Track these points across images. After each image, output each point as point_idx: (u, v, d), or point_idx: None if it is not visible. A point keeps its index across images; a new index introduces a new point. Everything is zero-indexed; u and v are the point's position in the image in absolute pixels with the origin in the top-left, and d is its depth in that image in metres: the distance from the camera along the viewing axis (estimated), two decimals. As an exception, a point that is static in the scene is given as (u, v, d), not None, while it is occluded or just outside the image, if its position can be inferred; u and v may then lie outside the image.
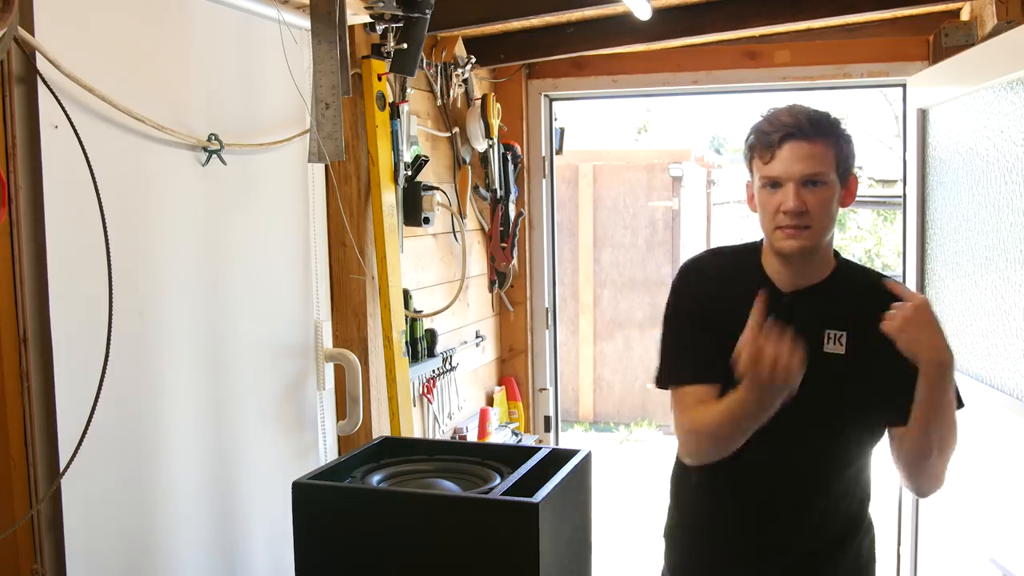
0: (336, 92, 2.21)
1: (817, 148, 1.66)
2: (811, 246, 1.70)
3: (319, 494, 2.02)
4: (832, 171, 1.67)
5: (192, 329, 2.15)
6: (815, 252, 1.73)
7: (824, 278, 1.77)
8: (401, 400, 2.81)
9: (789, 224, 1.68)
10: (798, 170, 1.66)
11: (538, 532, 1.84)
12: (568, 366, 7.58)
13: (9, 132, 1.69)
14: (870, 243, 12.35)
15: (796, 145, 1.66)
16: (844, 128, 1.71)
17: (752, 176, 1.78)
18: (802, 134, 1.66)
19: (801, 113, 1.68)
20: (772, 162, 1.68)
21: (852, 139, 1.72)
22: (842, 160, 1.69)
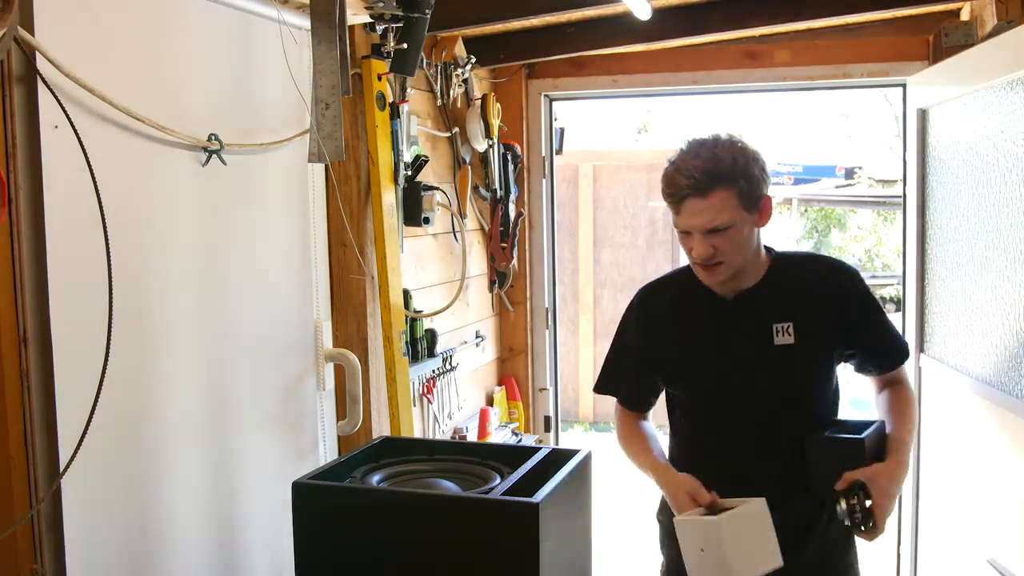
0: (336, 92, 2.21)
1: (715, 200, 1.81)
2: (728, 276, 1.90)
3: (319, 494, 2.01)
4: (734, 214, 1.82)
5: (192, 329, 2.15)
6: (738, 273, 1.91)
7: (760, 278, 1.97)
8: (401, 400, 2.81)
9: (703, 265, 1.89)
10: (699, 224, 1.83)
11: (538, 532, 1.84)
12: (568, 366, 7.57)
13: (9, 132, 1.69)
14: (870, 243, 12.36)
15: (694, 202, 1.82)
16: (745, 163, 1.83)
17: None
18: (697, 192, 1.81)
19: (696, 170, 1.81)
20: (678, 216, 1.86)
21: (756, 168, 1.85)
22: (745, 197, 1.83)
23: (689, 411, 2.08)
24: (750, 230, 1.89)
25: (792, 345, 1.93)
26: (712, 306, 1.99)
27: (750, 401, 1.97)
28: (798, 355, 1.94)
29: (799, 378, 1.97)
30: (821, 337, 1.95)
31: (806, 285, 1.98)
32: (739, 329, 1.97)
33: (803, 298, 1.96)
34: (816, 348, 1.95)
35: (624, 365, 2.13)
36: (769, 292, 1.97)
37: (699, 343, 2.01)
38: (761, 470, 1.95)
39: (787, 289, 1.97)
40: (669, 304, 2.09)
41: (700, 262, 1.88)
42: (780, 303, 1.96)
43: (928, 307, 3.09)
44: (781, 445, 1.95)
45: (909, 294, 3.22)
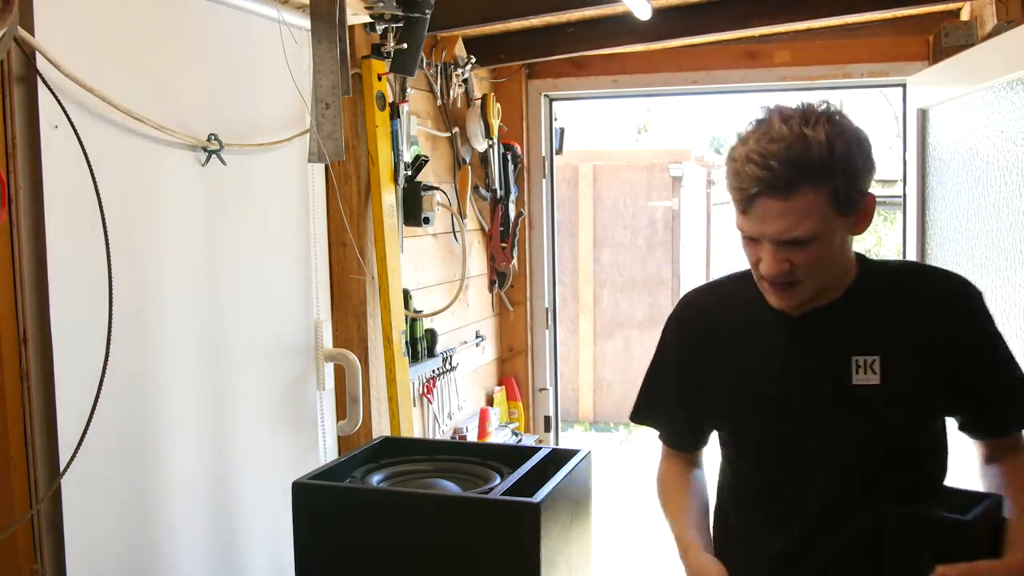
0: (336, 92, 2.21)
1: (797, 203, 1.33)
2: (805, 300, 1.46)
3: (319, 494, 2.02)
4: (822, 222, 1.35)
5: (192, 329, 2.15)
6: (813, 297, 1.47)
7: (842, 293, 1.48)
8: (401, 400, 2.81)
9: (774, 283, 1.43)
10: (773, 232, 1.36)
11: (538, 532, 1.84)
12: (568, 366, 7.58)
13: (9, 132, 1.69)
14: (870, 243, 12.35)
15: (769, 204, 1.34)
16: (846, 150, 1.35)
17: None
18: (776, 190, 1.33)
19: (777, 157, 1.32)
20: (744, 217, 1.40)
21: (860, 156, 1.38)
22: (841, 199, 1.36)
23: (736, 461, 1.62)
24: (841, 240, 1.42)
25: (877, 386, 1.45)
26: (772, 326, 1.51)
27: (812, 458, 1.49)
28: (884, 399, 1.45)
29: (884, 430, 1.46)
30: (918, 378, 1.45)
31: (904, 305, 1.48)
32: (806, 360, 1.49)
33: (898, 323, 1.46)
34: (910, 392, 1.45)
35: (664, 393, 1.69)
36: (852, 312, 1.48)
37: (750, 376, 1.54)
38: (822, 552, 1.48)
39: (877, 309, 1.48)
40: (716, 319, 1.61)
41: (770, 280, 1.42)
42: (865, 328, 1.47)
43: (928, 307, 3.09)
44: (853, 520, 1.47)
45: (909, 294, 3.21)
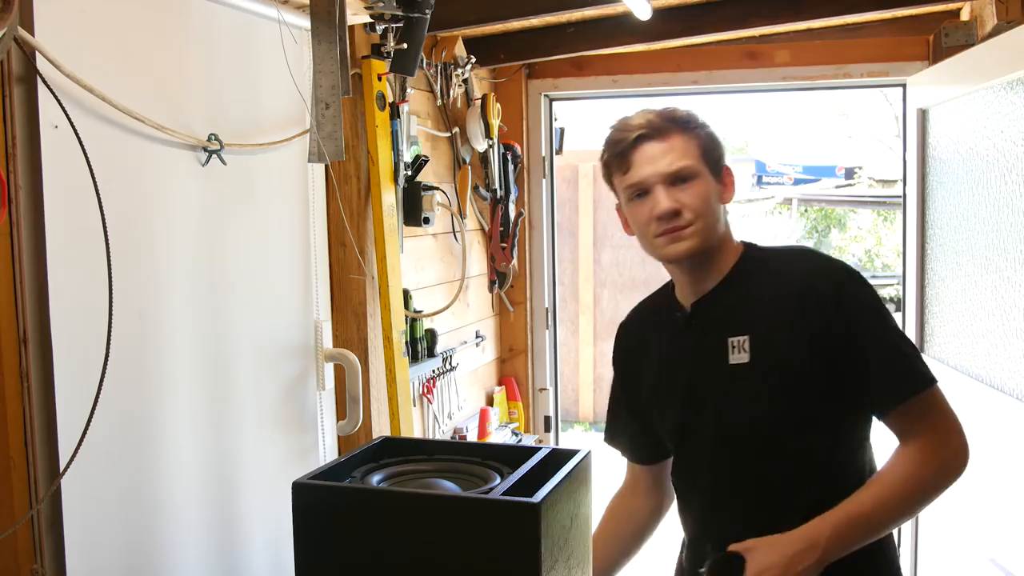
0: (336, 92, 2.21)
1: (675, 142, 1.53)
2: (697, 244, 1.54)
3: (319, 494, 2.01)
4: (699, 162, 1.53)
5: (192, 329, 2.15)
6: (706, 251, 1.56)
7: (724, 276, 1.59)
8: (401, 400, 2.81)
9: (667, 228, 1.53)
10: (659, 168, 1.52)
11: (538, 532, 1.84)
12: (568, 366, 7.58)
13: (9, 132, 1.69)
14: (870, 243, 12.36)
15: (651, 145, 1.53)
16: (703, 121, 1.59)
17: (618, 197, 1.65)
18: (655, 132, 1.54)
19: (650, 112, 1.57)
20: (631, 170, 1.55)
21: (714, 130, 1.60)
22: (708, 151, 1.56)
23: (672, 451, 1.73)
24: (715, 199, 1.56)
25: (747, 364, 1.52)
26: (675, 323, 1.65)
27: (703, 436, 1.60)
28: (751, 376, 1.52)
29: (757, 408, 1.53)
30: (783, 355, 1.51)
31: (773, 285, 1.56)
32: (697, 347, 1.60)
33: (766, 304, 1.54)
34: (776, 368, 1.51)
35: (618, 410, 1.85)
36: (729, 296, 1.58)
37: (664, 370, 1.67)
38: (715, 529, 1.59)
39: (750, 292, 1.57)
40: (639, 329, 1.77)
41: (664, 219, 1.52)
42: (739, 311, 1.56)
43: (928, 307, 3.09)
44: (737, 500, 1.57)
45: (909, 294, 3.22)
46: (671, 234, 1.54)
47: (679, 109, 1.58)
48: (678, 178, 1.52)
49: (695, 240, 1.54)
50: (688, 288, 1.63)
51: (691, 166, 1.53)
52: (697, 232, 1.53)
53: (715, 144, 1.58)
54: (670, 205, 1.52)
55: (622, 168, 1.56)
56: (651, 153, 1.53)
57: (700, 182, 1.53)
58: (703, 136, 1.56)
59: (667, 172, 1.52)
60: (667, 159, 1.52)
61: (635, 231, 1.62)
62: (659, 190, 1.52)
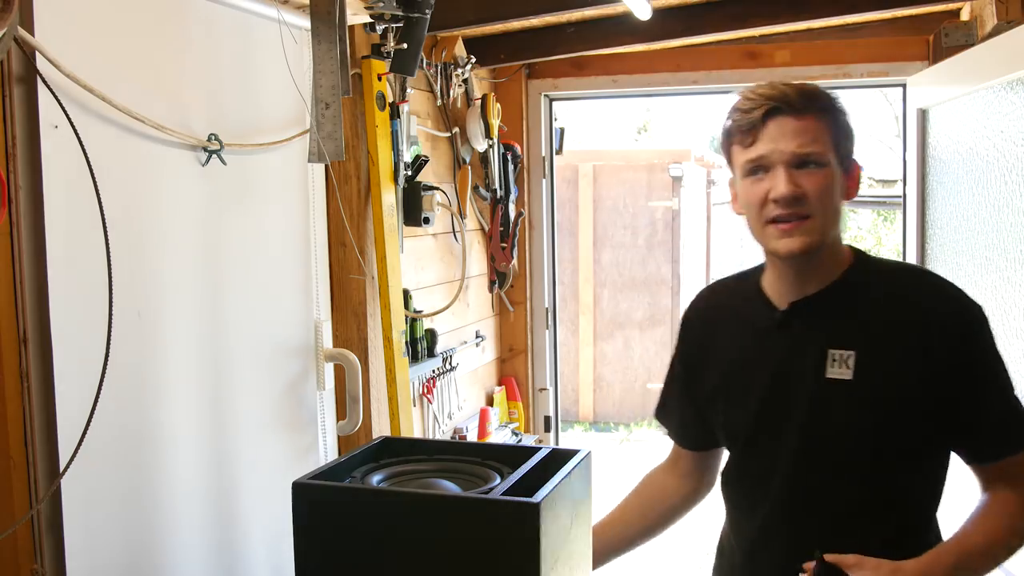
0: (336, 92, 2.21)
1: (809, 123, 1.38)
2: (814, 242, 1.41)
3: (319, 494, 2.01)
4: (830, 151, 1.39)
5: (192, 329, 2.15)
6: (820, 253, 1.43)
7: (830, 283, 1.46)
8: (401, 400, 2.81)
9: (783, 214, 1.39)
10: (788, 148, 1.37)
11: (538, 532, 1.84)
12: (568, 366, 7.58)
13: (9, 132, 1.69)
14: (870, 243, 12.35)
15: (783, 121, 1.38)
16: (842, 105, 1.43)
17: (733, 170, 1.49)
18: (790, 107, 1.38)
19: (786, 85, 1.41)
20: (755, 144, 1.40)
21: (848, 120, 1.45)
22: (841, 140, 1.42)
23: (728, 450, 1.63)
24: (840, 193, 1.42)
25: (848, 382, 1.41)
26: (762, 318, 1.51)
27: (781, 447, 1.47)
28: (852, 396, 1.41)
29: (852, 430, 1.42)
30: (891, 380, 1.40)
31: (892, 304, 1.44)
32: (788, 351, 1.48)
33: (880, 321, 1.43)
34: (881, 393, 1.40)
35: (673, 389, 1.71)
36: (836, 304, 1.45)
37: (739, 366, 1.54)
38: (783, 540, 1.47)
39: (862, 304, 1.44)
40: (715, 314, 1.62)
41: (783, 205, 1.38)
42: (847, 322, 1.44)
43: (928, 307, 3.09)
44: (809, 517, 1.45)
45: (909, 294, 3.21)
46: (786, 225, 1.40)
47: (819, 88, 1.42)
48: (805, 162, 1.38)
49: (812, 237, 1.40)
50: (787, 286, 1.49)
51: (822, 153, 1.38)
52: (815, 228, 1.40)
53: (849, 134, 1.43)
54: (791, 189, 1.37)
55: (745, 140, 1.40)
56: (782, 129, 1.37)
57: (828, 171, 1.39)
58: (840, 123, 1.42)
59: (795, 153, 1.37)
60: (798, 140, 1.37)
61: (745, 211, 1.46)
62: (781, 170, 1.37)
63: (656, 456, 1.81)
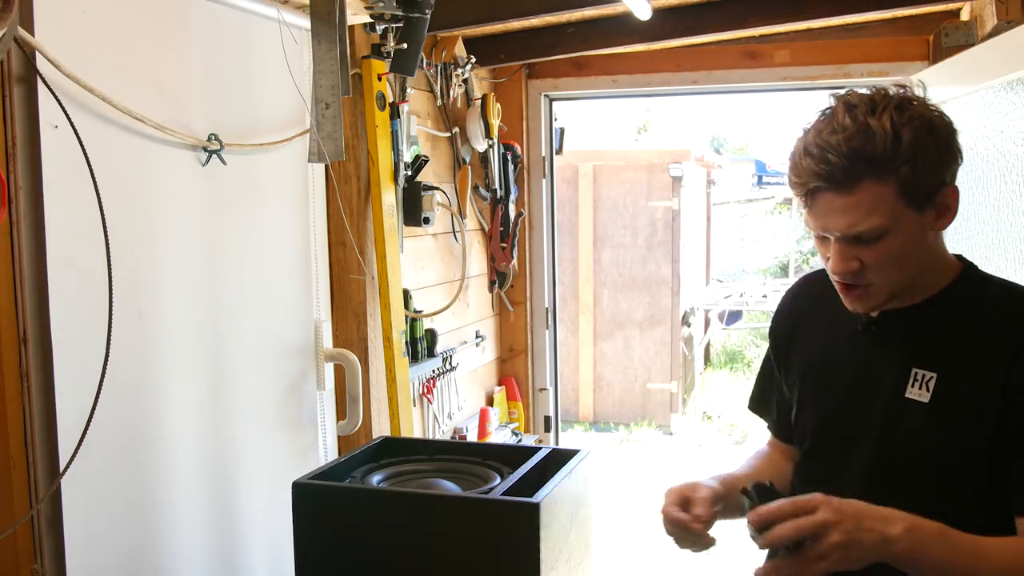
0: (336, 92, 2.21)
1: (860, 196, 1.24)
2: (881, 303, 1.35)
3: (319, 494, 2.01)
4: (890, 217, 1.25)
5: (192, 329, 2.15)
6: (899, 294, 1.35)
7: (929, 297, 1.36)
8: (401, 400, 2.81)
9: (844, 284, 1.34)
10: (838, 228, 1.27)
11: (538, 532, 1.84)
12: (568, 366, 7.58)
13: (9, 132, 1.69)
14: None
15: (831, 198, 1.25)
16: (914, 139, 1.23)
17: None
18: (836, 184, 1.24)
19: (836, 150, 1.23)
20: (809, 213, 1.31)
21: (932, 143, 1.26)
22: (910, 189, 1.24)
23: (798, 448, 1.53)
24: (921, 235, 1.30)
25: (924, 405, 1.31)
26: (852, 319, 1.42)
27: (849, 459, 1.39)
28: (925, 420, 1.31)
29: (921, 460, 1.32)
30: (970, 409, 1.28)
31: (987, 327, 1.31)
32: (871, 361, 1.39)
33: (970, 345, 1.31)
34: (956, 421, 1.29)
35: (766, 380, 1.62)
36: (930, 320, 1.35)
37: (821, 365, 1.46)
38: None
39: (956, 325, 1.33)
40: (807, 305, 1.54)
41: (840, 279, 1.33)
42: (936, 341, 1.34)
43: (928, 307, 3.09)
44: None
45: (909, 294, 3.22)
46: (847, 290, 1.34)
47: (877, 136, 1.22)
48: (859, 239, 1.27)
49: (874, 301, 1.34)
50: None
51: (879, 226, 1.25)
52: (879, 293, 1.32)
53: (924, 172, 1.25)
54: (846, 267, 1.30)
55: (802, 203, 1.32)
56: (830, 207, 1.26)
57: (891, 238, 1.26)
58: (905, 173, 1.23)
59: (845, 234, 1.27)
60: (848, 218, 1.25)
61: None
62: (836, 245, 1.29)
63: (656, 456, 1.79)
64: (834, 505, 1.19)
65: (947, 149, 1.28)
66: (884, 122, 1.23)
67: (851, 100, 1.27)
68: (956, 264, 1.39)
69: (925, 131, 1.24)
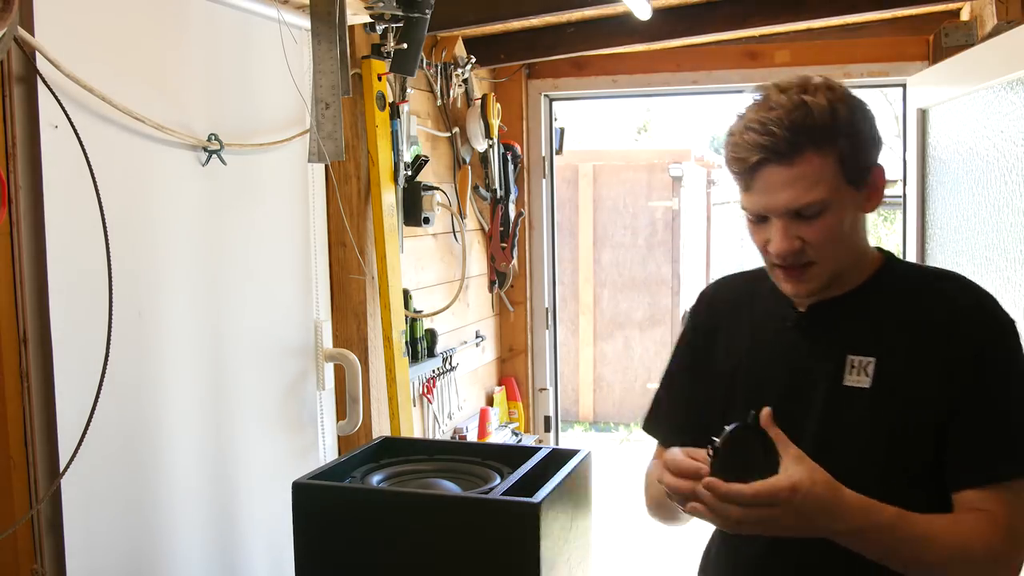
0: (336, 92, 2.21)
1: (803, 168, 1.25)
2: (821, 285, 1.33)
3: (319, 494, 2.02)
4: (832, 190, 1.26)
5: (192, 329, 2.15)
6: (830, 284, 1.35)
7: (855, 287, 1.37)
8: (401, 400, 2.81)
9: (783, 267, 1.32)
10: (780, 203, 1.27)
11: (538, 532, 1.84)
12: (568, 366, 7.58)
13: (9, 132, 1.69)
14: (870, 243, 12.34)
15: (773, 171, 1.26)
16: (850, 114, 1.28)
17: None
18: (780, 156, 1.25)
19: (778, 123, 1.25)
20: (749, 194, 1.30)
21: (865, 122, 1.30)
22: (850, 163, 1.27)
23: None
24: (854, 216, 1.31)
25: (865, 391, 1.31)
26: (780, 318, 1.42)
27: None
28: (869, 406, 1.30)
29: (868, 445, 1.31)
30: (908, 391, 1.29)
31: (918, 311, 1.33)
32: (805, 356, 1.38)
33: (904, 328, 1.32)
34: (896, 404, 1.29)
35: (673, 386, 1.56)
36: (860, 309, 1.36)
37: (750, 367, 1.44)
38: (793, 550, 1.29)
39: (887, 310, 1.34)
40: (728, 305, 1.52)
41: (781, 262, 1.31)
42: (869, 328, 1.34)
43: (928, 307, 3.09)
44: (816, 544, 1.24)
45: (909, 294, 3.21)
46: (790, 274, 1.32)
47: (815, 109, 1.26)
48: (802, 214, 1.27)
49: (817, 282, 1.32)
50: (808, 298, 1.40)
51: (821, 199, 1.26)
52: (820, 273, 1.31)
53: (860, 147, 1.28)
54: (788, 245, 1.28)
55: (741, 184, 1.31)
56: (773, 180, 1.26)
57: (830, 215, 1.27)
58: (844, 146, 1.26)
59: (789, 208, 1.26)
60: (791, 192, 1.25)
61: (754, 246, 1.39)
62: (778, 224, 1.28)
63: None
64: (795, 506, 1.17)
65: (876, 131, 1.31)
66: (819, 99, 1.27)
67: (781, 84, 1.32)
68: (878, 256, 1.40)
69: (857, 110, 1.29)
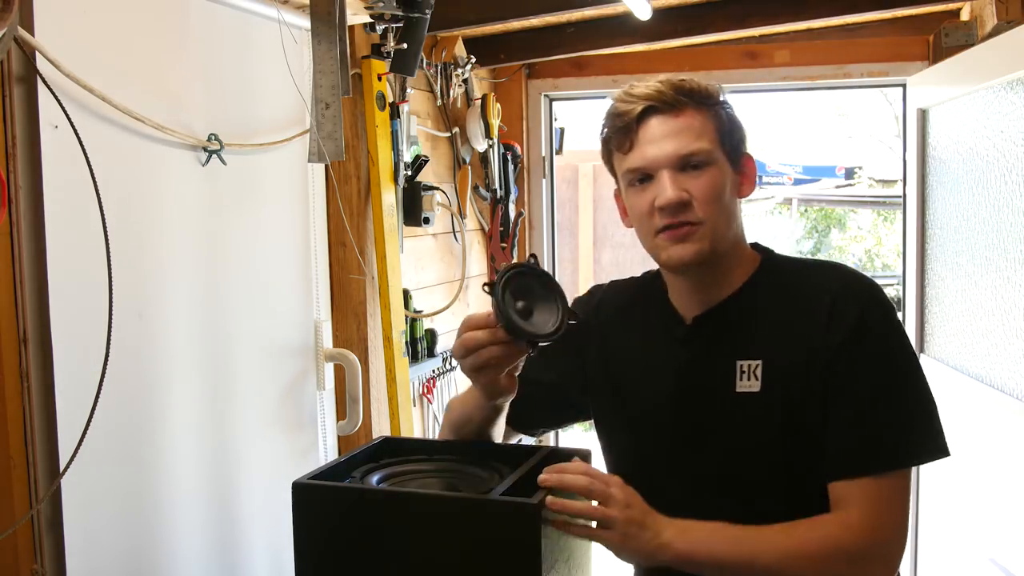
0: (336, 92, 2.21)
1: (689, 119, 1.29)
2: (706, 249, 1.30)
3: (319, 494, 2.01)
4: (715, 146, 1.29)
5: (192, 329, 2.15)
6: (717, 257, 1.32)
7: (736, 290, 1.35)
8: (401, 400, 2.81)
9: (671, 222, 1.28)
10: (669, 149, 1.28)
11: (538, 532, 1.84)
12: (568, 366, 7.57)
13: (9, 132, 1.69)
14: (870, 243, 12.35)
15: (660, 120, 1.29)
16: (721, 96, 1.34)
17: (617, 181, 1.39)
18: (665, 105, 1.29)
19: (661, 81, 1.32)
20: (634, 148, 1.30)
21: (732, 109, 1.36)
22: (727, 135, 1.31)
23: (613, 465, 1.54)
24: (732, 192, 1.32)
25: (756, 394, 1.28)
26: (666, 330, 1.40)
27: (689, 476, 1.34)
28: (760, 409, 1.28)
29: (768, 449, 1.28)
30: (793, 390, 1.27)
31: (792, 308, 1.31)
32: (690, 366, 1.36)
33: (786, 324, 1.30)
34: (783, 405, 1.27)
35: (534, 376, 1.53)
36: (743, 312, 1.34)
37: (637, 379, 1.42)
38: None
39: (767, 310, 1.33)
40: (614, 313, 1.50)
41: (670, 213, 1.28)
42: (754, 331, 1.32)
43: (928, 307, 3.09)
44: None
45: (909, 294, 3.22)
46: (676, 231, 1.29)
47: (695, 80, 1.32)
48: (689, 163, 1.28)
49: (704, 243, 1.29)
50: (691, 297, 1.38)
51: (706, 150, 1.28)
52: (707, 234, 1.29)
53: (735, 126, 1.34)
54: (677, 195, 1.26)
55: (624, 146, 1.32)
56: (659, 131, 1.28)
57: (715, 170, 1.29)
58: (723, 115, 1.32)
59: (677, 155, 1.28)
60: (678, 140, 1.27)
61: (634, 223, 1.37)
62: (665, 176, 1.28)
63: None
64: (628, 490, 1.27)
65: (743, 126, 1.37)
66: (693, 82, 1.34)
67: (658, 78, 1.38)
68: (755, 255, 1.40)
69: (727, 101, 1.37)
